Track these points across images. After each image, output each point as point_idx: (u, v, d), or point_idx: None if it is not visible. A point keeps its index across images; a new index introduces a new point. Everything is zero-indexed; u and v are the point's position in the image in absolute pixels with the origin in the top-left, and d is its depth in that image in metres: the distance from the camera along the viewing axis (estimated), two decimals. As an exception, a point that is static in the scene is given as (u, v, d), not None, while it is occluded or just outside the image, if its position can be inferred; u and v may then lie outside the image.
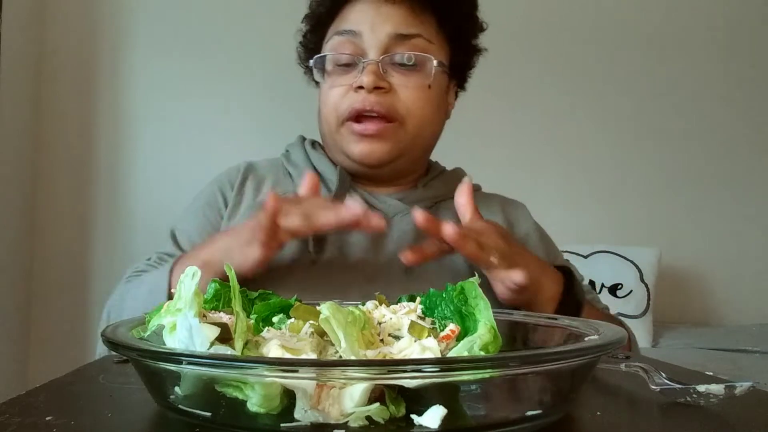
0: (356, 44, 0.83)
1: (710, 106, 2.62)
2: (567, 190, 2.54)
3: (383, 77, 0.81)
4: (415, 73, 0.83)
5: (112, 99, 2.31)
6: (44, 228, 2.20)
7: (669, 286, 2.42)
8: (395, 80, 0.82)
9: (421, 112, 0.83)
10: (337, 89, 0.83)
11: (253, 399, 0.34)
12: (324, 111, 0.86)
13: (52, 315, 2.18)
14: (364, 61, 0.81)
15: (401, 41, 0.82)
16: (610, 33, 2.58)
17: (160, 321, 0.40)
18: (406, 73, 0.83)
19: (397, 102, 0.82)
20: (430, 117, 0.86)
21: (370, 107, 0.80)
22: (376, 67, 0.81)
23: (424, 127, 0.85)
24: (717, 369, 1.32)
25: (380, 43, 0.82)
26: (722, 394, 0.41)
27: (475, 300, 0.41)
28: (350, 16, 0.85)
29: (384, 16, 0.83)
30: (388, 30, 0.82)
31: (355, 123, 0.82)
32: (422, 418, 0.32)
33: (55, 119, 2.27)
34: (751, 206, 2.61)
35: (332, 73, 0.85)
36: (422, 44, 0.83)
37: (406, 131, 0.83)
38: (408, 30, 0.83)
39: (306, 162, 0.91)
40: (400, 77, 0.82)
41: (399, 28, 0.83)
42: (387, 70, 0.82)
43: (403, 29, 0.83)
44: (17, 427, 0.36)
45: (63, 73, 2.28)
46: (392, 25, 0.82)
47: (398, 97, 0.82)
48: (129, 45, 2.32)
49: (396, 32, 0.82)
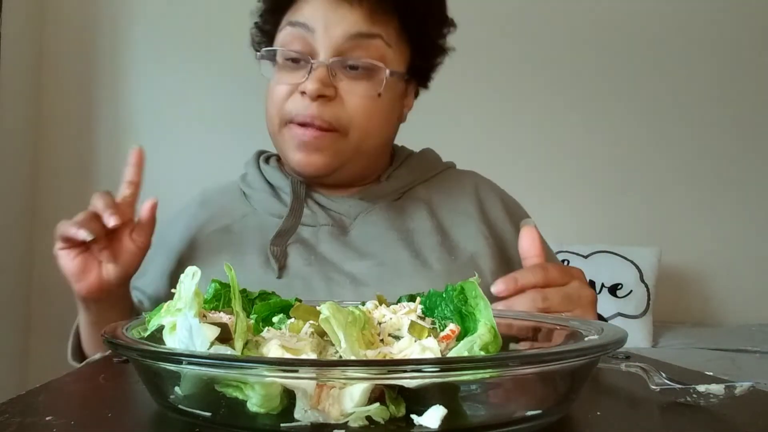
0: (307, 41, 0.77)
1: (710, 107, 2.63)
2: (567, 190, 2.54)
3: (330, 83, 0.76)
4: (365, 81, 0.77)
5: (112, 99, 2.31)
6: (44, 228, 2.20)
7: (669, 286, 2.42)
8: (343, 85, 0.77)
9: (367, 122, 0.78)
10: (283, 87, 0.79)
11: (253, 399, 0.33)
12: (268, 108, 0.81)
13: (52, 315, 2.18)
14: (313, 62, 0.76)
15: (357, 42, 0.77)
16: (611, 33, 2.58)
17: (160, 321, 0.40)
18: (355, 78, 0.77)
19: (341, 111, 0.77)
20: (377, 126, 0.81)
21: (311, 120, 0.76)
22: (324, 72, 0.76)
23: (370, 137, 0.80)
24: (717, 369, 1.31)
25: (333, 43, 0.76)
26: (722, 394, 0.41)
27: (475, 300, 0.41)
28: (306, 6, 0.79)
29: (340, 15, 0.77)
30: (342, 30, 0.76)
31: (296, 127, 0.78)
32: (422, 418, 0.32)
33: (55, 119, 2.27)
34: (751, 206, 2.61)
35: (281, 67, 0.80)
36: (380, 47, 0.78)
37: (348, 142, 0.78)
38: (366, 29, 0.77)
39: (260, 179, 0.88)
40: (349, 83, 0.77)
41: (356, 27, 0.77)
42: (336, 73, 0.77)
43: (361, 28, 0.77)
44: (17, 427, 0.36)
45: (63, 73, 2.28)
46: (348, 24, 0.77)
47: (343, 105, 0.77)
48: (129, 45, 2.32)
49: (352, 32, 0.77)
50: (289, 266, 0.77)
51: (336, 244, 0.80)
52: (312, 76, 0.76)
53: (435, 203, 0.86)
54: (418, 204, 0.86)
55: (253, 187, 0.88)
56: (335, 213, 0.83)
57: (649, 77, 2.60)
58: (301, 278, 0.76)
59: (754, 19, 2.65)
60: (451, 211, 0.86)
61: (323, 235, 0.81)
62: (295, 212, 0.82)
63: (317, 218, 0.82)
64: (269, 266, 0.77)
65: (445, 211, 0.86)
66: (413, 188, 0.87)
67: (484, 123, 2.41)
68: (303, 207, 0.83)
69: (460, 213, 0.86)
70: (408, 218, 0.84)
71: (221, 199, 0.90)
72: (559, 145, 2.54)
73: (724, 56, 2.64)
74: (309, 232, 0.81)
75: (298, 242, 0.80)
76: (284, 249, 0.79)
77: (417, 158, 0.92)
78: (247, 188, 0.89)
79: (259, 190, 0.87)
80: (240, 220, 0.85)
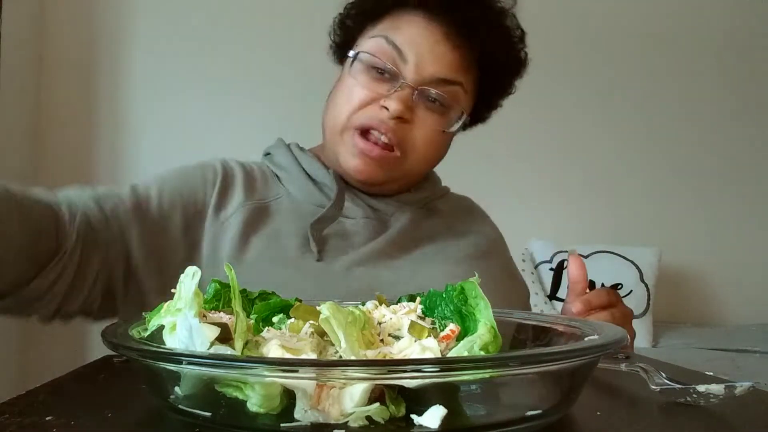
0: (396, 62, 0.80)
1: (710, 107, 2.63)
2: (567, 190, 2.54)
3: (410, 108, 0.79)
4: (439, 116, 0.82)
5: (112, 99, 2.31)
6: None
7: (669, 286, 2.42)
8: (418, 114, 0.80)
9: (426, 152, 0.83)
10: (364, 92, 0.80)
11: (253, 399, 0.34)
12: (340, 105, 0.82)
13: (52, 315, 2.19)
14: (404, 82, 0.79)
15: (440, 84, 0.80)
16: (612, 33, 2.58)
17: (160, 321, 0.40)
18: (431, 110, 0.81)
19: (410, 136, 0.81)
20: (432, 158, 0.86)
21: (385, 131, 0.79)
22: (410, 96, 0.79)
23: (423, 165, 0.86)
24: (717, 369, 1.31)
25: (421, 78, 0.80)
26: (722, 394, 0.41)
27: (475, 300, 0.41)
28: (406, 29, 0.81)
29: (436, 54, 0.80)
30: (434, 69, 0.80)
31: (361, 137, 0.80)
32: (422, 418, 0.32)
33: (55, 119, 2.27)
34: (751, 206, 2.61)
35: (365, 72, 0.81)
36: (459, 93, 0.82)
37: (405, 164, 0.82)
38: (453, 76, 0.81)
39: (294, 164, 0.88)
40: (424, 113, 0.81)
41: (444, 72, 0.80)
42: (416, 102, 0.80)
43: (449, 75, 0.81)
44: (17, 427, 0.36)
45: (63, 73, 2.28)
46: (441, 67, 0.80)
47: (413, 131, 0.81)
48: (129, 45, 2.33)
49: (440, 76, 0.80)
50: (326, 251, 0.80)
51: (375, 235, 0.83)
52: (397, 96, 0.78)
53: (451, 215, 0.94)
54: (438, 214, 0.92)
55: (287, 171, 0.89)
56: (374, 210, 0.87)
57: (650, 77, 2.60)
58: (341, 265, 0.79)
59: (755, 20, 2.65)
60: (462, 223, 0.94)
61: (366, 227, 0.84)
62: (338, 203, 0.84)
63: (359, 211, 0.85)
64: (307, 249, 0.79)
65: (459, 222, 0.93)
66: (432, 201, 0.94)
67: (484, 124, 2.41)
68: (344, 199, 0.85)
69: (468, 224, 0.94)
70: (431, 223, 0.90)
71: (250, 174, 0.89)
72: (559, 146, 2.54)
73: (725, 56, 2.64)
74: (350, 223, 0.84)
75: (335, 233, 0.82)
76: (322, 235, 0.81)
77: (433, 176, 0.98)
78: (280, 171, 0.89)
79: (294, 175, 0.88)
80: (275, 199, 0.86)
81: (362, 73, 0.81)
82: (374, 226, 0.85)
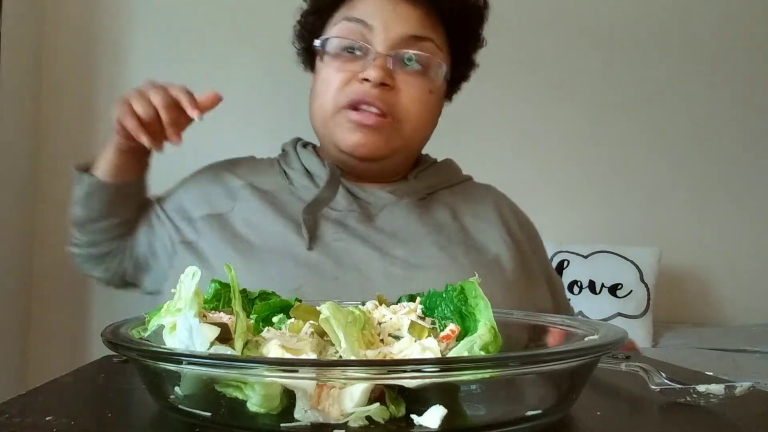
0: (366, 35, 0.81)
1: (710, 106, 2.62)
2: (567, 190, 2.54)
3: (390, 74, 0.80)
4: (421, 77, 0.82)
5: (112, 99, 2.31)
6: (44, 228, 2.20)
7: (669, 286, 2.42)
8: (400, 78, 0.81)
9: (419, 115, 0.83)
10: (341, 74, 0.81)
11: (253, 399, 0.34)
12: (322, 94, 0.83)
13: (52, 315, 2.18)
14: (374, 53, 0.80)
15: (412, 43, 0.81)
16: (611, 31, 2.58)
17: (160, 321, 0.40)
18: (411, 73, 0.81)
19: (399, 102, 0.81)
20: (427, 121, 0.85)
21: (372, 101, 0.79)
22: (385, 62, 0.79)
23: (419, 130, 0.85)
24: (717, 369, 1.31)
25: (392, 40, 0.80)
26: (722, 394, 0.41)
27: (475, 300, 0.41)
28: (362, 6, 0.82)
29: (399, 14, 0.81)
30: (400, 29, 0.80)
31: (353, 111, 0.80)
32: (422, 418, 0.32)
33: (55, 119, 2.27)
34: (751, 206, 2.61)
35: (337, 57, 0.82)
36: (432, 49, 0.82)
37: (401, 131, 0.82)
38: (421, 32, 0.82)
39: (296, 160, 0.90)
40: (405, 77, 0.81)
41: (413, 29, 0.81)
42: (394, 68, 0.80)
43: (417, 31, 0.81)
44: (17, 427, 0.36)
45: (63, 73, 2.28)
46: (407, 25, 0.81)
47: (400, 97, 0.81)
48: (129, 45, 2.33)
49: (409, 33, 0.81)
50: (319, 238, 0.80)
51: (363, 227, 0.83)
52: (374, 64, 0.79)
53: (458, 208, 0.90)
54: (442, 206, 0.89)
55: (292, 167, 0.90)
56: (363, 202, 0.86)
57: (650, 77, 2.60)
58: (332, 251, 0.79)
59: (755, 20, 2.65)
60: (474, 217, 0.89)
61: (350, 220, 0.83)
62: (331, 186, 0.84)
63: (343, 203, 0.85)
64: (302, 236, 0.79)
65: (468, 216, 0.89)
66: (437, 191, 0.90)
67: (483, 121, 2.41)
68: (339, 184, 0.85)
69: (481, 219, 0.89)
70: (432, 216, 0.86)
71: (260, 167, 0.93)
72: (559, 145, 2.54)
73: (725, 57, 2.64)
74: (338, 215, 0.84)
75: (329, 219, 0.82)
76: (315, 219, 0.81)
77: (442, 165, 0.96)
78: (288, 168, 0.91)
79: (297, 171, 0.89)
80: (279, 190, 0.87)
81: (334, 59, 0.82)
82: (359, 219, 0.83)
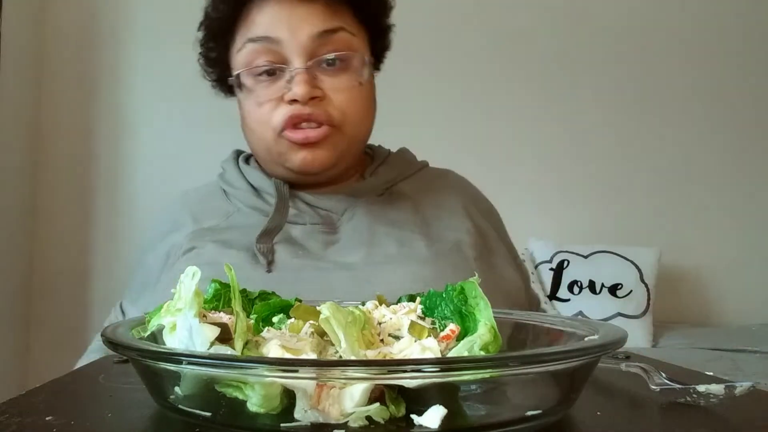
0: (276, 51, 0.77)
1: (710, 107, 2.63)
2: (567, 190, 2.54)
3: (315, 84, 0.77)
4: (344, 73, 0.79)
5: (112, 99, 2.31)
6: (44, 228, 2.20)
7: (669, 286, 2.42)
8: (326, 84, 0.78)
9: (357, 113, 0.80)
10: (267, 104, 0.78)
11: (253, 399, 0.34)
12: (255, 128, 0.81)
13: (52, 315, 2.18)
14: (292, 70, 0.76)
15: (324, 39, 0.77)
16: (611, 31, 2.58)
17: (160, 321, 0.40)
18: (335, 74, 0.78)
19: (332, 108, 0.78)
20: (365, 115, 0.83)
21: (307, 117, 0.77)
22: (306, 75, 0.76)
23: (361, 126, 0.83)
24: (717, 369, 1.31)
25: (304, 46, 0.76)
26: (722, 394, 0.41)
27: (475, 300, 0.41)
28: (260, 19, 0.78)
29: (301, 15, 0.77)
30: (309, 30, 0.76)
31: (293, 131, 0.78)
32: (422, 418, 0.32)
33: (55, 120, 2.27)
34: (751, 206, 2.61)
35: (254, 87, 0.79)
36: (346, 38, 0.79)
37: (344, 135, 0.80)
38: (329, 25, 0.78)
39: (240, 178, 0.88)
40: (330, 80, 0.78)
41: (320, 25, 0.77)
42: (316, 75, 0.77)
43: (325, 25, 0.77)
44: (17, 427, 0.36)
45: (63, 73, 2.28)
46: (312, 23, 0.77)
47: (332, 102, 0.78)
48: (129, 45, 2.33)
49: (318, 30, 0.77)
50: (277, 261, 0.77)
51: (325, 239, 0.81)
52: (296, 81, 0.76)
53: (418, 198, 0.88)
54: (401, 198, 0.87)
55: (234, 186, 0.88)
56: (322, 210, 0.84)
57: (650, 77, 2.60)
58: (291, 270, 0.76)
59: (754, 19, 2.65)
60: (434, 206, 0.87)
61: (312, 233, 0.81)
62: (281, 211, 0.81)
63: (305, 217, 0.83)
64: (257, 262, 0.77)
65: (428, 206, 0.87)
66: (396, 184, 0.88)
67: (482, 121, 2.41)
68: (288, 206, 0.82)
69: (442, 207, 0.87)
70: (392, 212, 0.84)
71: (203, 201, 0.89)
72: (558, 146, 2.54)
73: (725, 56, 2.64)
74: (298, 230, 0.82)
75: (285, 240, 0.80)
76: (271, 246, 0.78)
77: (397, 156, 0.93)
78: (228, 186, 0.88)
79: (240, 189, 0.87)
80: (225, 220, 0.85)
81: (254, 88, 0.80)
82: (321, 230, 0.82)
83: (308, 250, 0.79)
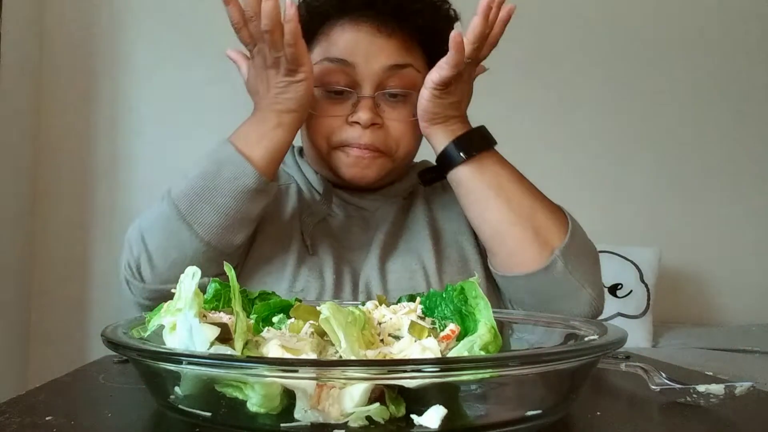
0: (349, 74, 0.84)
1: (710, 107, 2.62)
2: (567, 190, 2.53)
3: (377, 113, 0.84)
4: (404, 106, 0.86)
5: (112, 99, 2.31)
6: (44, 228, 2.20)
7: (669, 286, 2.42)
8: (386, 114, 0.85)
9: (408, 142, 0.87)
10: (330, 119, 0.85)
11: (253, 399, 0.34)
12: (314, 138, 0.88)
13: (52, 315, 2.18)
14: (360, 96, 0.84)
15: (394, 72, 0.84)
16: (610, 33, 2.58)
17: (160, 321, 0.40)
18: (395, 106, 0.85)
19: (389, 137, 0.85)
20: (415, 147, 0.90)
21: (365, 144, 0.84)
22: (371, 103, 0.84)
23: (409, 154, 0.90)
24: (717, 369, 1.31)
25: (375, 75, 0.83)
26: (722, 394, 0.41)
27: (475, 300, 0.41)
28: (341, 42, 0.85)
29: (379, 46, 0.84)
30: (381, 63, 0.83)
31: (347, 150, 0.85)
32: (422, 418, 0.33)
33: (55, 119, 2.27)
34: (750, 206, 2.61)
35: (323, 100, 0.86)
36: (413, 74, 0.85)
37: (393, 161, 0.87)
38: (401, 60, 0.85)
39: (294, 166, 0.95)
40: (390, 111, 0.85)
41: (393, 59, 0.84)
42: (379, 103, 0.85)
43: (397, 60, 0.84)
44: (17, 427, 0.36)
45: (63, 73, 2.28)
46: (387, 56, 0.84)
47: (389, 131, 0.85)
48: (129, 45, 2.33)
49: (390, 63, 0.84)
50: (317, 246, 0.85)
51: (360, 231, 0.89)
52: (362, 107, 0.83)
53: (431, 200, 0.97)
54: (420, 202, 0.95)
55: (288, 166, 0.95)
56: (358, 208, 0.92)
57: (649, 77, 2.60)
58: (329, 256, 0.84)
59: (754, 19, 2.65)
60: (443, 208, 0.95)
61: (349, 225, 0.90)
62: (326, 203, 0.90)
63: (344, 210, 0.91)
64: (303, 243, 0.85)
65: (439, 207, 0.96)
66: (415, 190, 0.97)
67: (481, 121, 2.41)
68: (332, 199, 0.91)
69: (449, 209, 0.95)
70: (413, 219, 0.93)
71: None
72: (558, 145, 2.54)
73: (725, 56, 2.64)
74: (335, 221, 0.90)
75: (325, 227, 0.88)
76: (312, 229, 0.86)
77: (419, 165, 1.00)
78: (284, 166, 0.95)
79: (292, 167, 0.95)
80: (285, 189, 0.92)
81: (320, 103, 0.86)
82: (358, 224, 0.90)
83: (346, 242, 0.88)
